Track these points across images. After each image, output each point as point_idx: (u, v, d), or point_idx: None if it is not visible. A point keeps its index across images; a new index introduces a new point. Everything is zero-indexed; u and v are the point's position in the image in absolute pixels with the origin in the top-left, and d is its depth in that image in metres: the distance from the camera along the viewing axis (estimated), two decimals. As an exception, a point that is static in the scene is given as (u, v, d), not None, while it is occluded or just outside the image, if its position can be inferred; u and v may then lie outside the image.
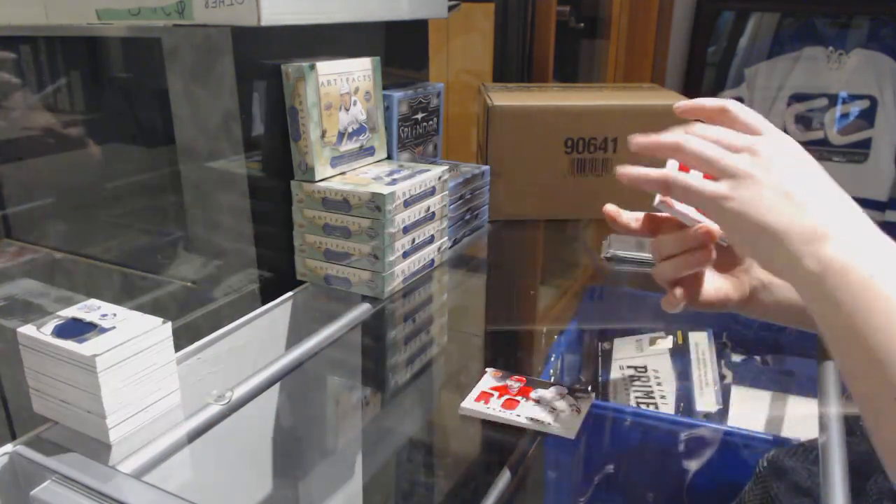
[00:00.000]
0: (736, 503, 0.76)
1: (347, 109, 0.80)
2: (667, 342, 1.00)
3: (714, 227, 0.53)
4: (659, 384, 0.94)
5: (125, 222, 0.96)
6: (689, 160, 0.51)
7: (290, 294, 0.80)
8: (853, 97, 1.87)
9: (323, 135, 0.77)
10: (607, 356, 1.02)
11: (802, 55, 1.89)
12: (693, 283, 0.59)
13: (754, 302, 0.62)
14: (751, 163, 0.48)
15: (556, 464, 0.90)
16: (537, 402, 0.65)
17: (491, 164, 1.06)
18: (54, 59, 0.94)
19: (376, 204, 0.73)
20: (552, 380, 0.74)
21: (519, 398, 0.66)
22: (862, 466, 0.65)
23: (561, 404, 0.65)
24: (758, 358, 1.08)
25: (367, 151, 0.84)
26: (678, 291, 0.56)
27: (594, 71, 2.17)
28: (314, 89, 0.75)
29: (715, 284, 0.59)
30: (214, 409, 0.58)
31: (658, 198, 0.54)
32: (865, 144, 1.88)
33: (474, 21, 1.64)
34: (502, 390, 0.67)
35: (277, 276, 0.82)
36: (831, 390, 0.61)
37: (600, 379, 0.99)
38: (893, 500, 0.64)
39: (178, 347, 0.59)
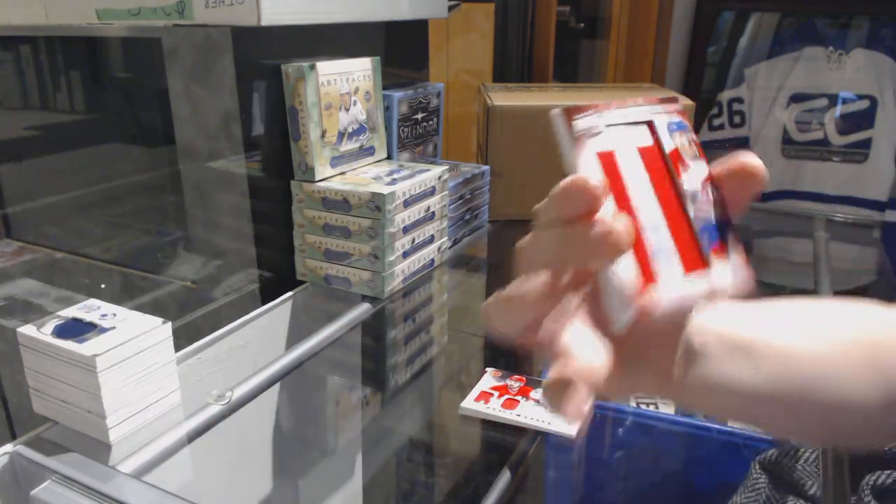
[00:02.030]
0: (733, 504, 0.76)
1: (347, 109, 0.80)
2: (667, 342, 0.99)
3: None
4: (659, 384, 0.94)
5: (125, 222, 0.96)
6: None
7: (290, 294, 0.80)
8: (853, 97, 1.87)
9: (323, 135, 0.77)
10: (607, 356, 1.01)
11: (802, 55, 1.89)
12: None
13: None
14: None
15: (556, 464, 0.90)
16: (537, 402, 0.65)
17: (491, 164, 1.06)
18: (54, 59, 0.93)
19: (376, 204, 0.73)
20: (552, 380, 0.74)
21: (519, 398, 0.66)
22: (857, 466, 0.65)
23: (561, 404, 0.65)
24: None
25: (367, 151, 0.84)
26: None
27: (594, 71, 2.17)
28: (314, 89, 0.75)
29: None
30: (214, 409, 0.58)
31: None
32: (865, 144, 1.88)
33: (474, 21, 1.64)
34: (502, 390, 0.67)
35: (277, 276, 0.82)
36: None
37: (600, 379, 0.99)
38: (880, 498, 0.64)
39: (178, 347, 0.59)
